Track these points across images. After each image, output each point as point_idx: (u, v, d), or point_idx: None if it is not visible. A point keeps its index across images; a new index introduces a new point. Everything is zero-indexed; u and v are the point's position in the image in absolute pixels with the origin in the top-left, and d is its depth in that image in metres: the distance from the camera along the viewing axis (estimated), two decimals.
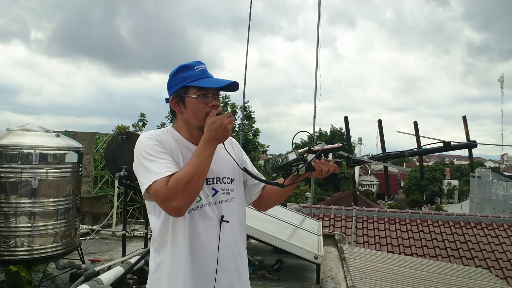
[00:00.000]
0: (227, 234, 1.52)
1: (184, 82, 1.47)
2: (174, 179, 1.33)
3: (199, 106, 1.47)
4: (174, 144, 1.49)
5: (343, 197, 24.99)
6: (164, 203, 1.35)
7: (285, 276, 4.45)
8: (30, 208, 3.50)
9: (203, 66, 1.52)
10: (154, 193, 1.35)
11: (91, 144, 8.66)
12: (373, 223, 9.18)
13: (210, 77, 1.50)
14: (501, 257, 8.13)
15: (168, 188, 1.32)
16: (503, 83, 63.52)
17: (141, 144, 1.45)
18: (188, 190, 1.33)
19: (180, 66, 1.51)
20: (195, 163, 1.37)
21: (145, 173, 1.38)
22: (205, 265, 1.47)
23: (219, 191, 1.53)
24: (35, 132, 3.70)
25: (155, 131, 1.52)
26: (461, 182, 51.50)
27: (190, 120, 1.50)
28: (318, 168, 1.48)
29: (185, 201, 1.34)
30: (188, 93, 1.47)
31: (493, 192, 21.62)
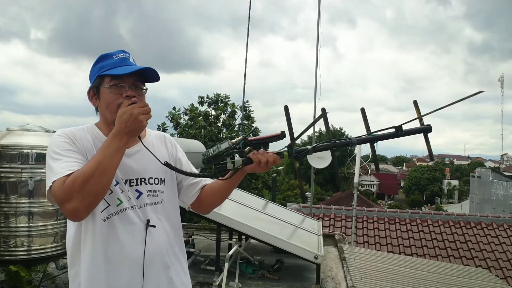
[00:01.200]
0: (155, 241, 1.36)
1: (99, 72, 1.34)
2: (71, 178, 1.19)
3: (111, 97, 1.32)
4: (90, 142, 1.34)
5: (343, 197, 25.00)
6: (60, 205, 1.20)
7: (285, 276, 4.45)
8: (30, 208, 3.50)
9: (125, 54, 1.37)
10: (52, 195, 1.21)
11: None
12: (373, 223, 9.18)
13: (128, 65, 1.35)
14: (501, 257, 8.13)
15: (64, 188, 1.18)
16: (503, 83, 63.57)
17: (50, 142, 1.32)
18: (87, 190, 1.17)
19: (100, 55, 1.38)
20: (98, 158, 1.21)
21: (49, 173, 1.25)
22: (128, 277, 1.31)
23: (144, 193, 1.38)
24: (35, 132, 3.70)
25: (72, 128, 1.37)
26: (461, 182, 51.53)
27: (104, 113, 1.37)
28: (256, 159, 1.32)
29: (82, 203, 1.17)
30: (102, 83, 1.34)
31: (493, 192, 21.62)
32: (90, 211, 1.24)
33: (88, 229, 1.30)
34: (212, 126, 12.78)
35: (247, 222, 3.95)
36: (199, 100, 13.26)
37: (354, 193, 6.57)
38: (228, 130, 12.61)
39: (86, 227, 1.31)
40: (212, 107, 13.22)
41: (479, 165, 55.38)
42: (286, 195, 27.12)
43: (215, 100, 13.21)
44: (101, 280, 1.29)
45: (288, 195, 27.13)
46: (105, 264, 1.29)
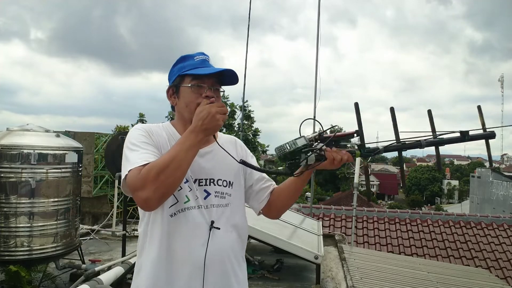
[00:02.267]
0: (217, 244, 1.33)
1: (181, 71, 1.38)
2: (147, 167, 1.21)
3: (192, 96, 1.35)
4: (165, 138, 1.38)
5: (343, 197, 24.99)
6: (134, 193, 1.22)
7: (285, 276, 4.45)
8: (30, 208, 3.50)
9: (204, 57, 1.41)
10: (127, 183, 1.24)
11: (91, 144, 8.66)
12: (373, 223, 9.18)
13: (208, 67, 1.39)
14: (501, 257, 8.13)
15: (139, 176, 1.21)
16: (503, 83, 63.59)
17: (128, 135, 1.37)
18: (160, 181, 1.18)
19: (181, 57, 1.42)
20: (173, 152, 1.23)
21: (125, 163, 1.29)
22: (188, 277, 1.30)
23: (212, 194, 1.38)
24: (35, 132, 3.70)
25: (149, 124, 1.44)
26: (461, 182, 51.54)
27: (182, 112, 1.40)
28: (329, 157, 1.32)
29: (154, 192, 1.19)
30: (183, 82, 1.38)
31: (493, 192, 21.62)
32: (162, 202, 1.26)
33: (156, 222, 1.33)
34: None
35: None
36: None
37: (354, 193, 6.57)
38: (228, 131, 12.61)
39: (154, 220, 1.34)
40: None
41: (479, 165, 55.36)
42: None
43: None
44: (162, 276, 1.30)
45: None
46: (167, 260, 1.30)
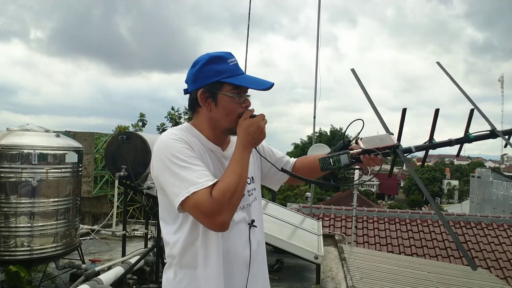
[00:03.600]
0: (256, 240, 1.41)
1: (219, 76, 1.29)
2: (219, 190, 1.18)
3: (234, 106, 1.31)
4: (200, 146, 1.32)
5: (343, 197, 25.00)
6: (209, 218, 1.17)
7: (285, 276, 4.45)
8: (30, 208, 3.50)
9: (236, 60, 1.36)
10: (194, 205, 1.17)
11: (91, 144, 8.66)
12: (373, 223, 9.18)
13: (244, 74, 1.35)
14: (501, 257, 8.13)
15: (214, 200, 1.16)
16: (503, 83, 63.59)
17: (168, 147, 1.25)
18: (233, 203, 1.20)
19: (212, 56, 1.33)
20: (237, 171, 1.23)
21: (179, 182, 1.19)
22: (239, 277, 1.34)
23: (245, 194, 1.38)
24: (35, 132, 3.70)
25: (177, 130, 1.33)
26: (461, 182, 51.54)
27: (219, 120, 1.33)
28: (366, 163, 1.43)
29: (230, 215, 1.20)
30: (222, 89, 1.30)
31: (493, 192, 21.62)
32: None
33: (208, 235, 1.28)
34: None
35: None
36: None
37: (354, 193, 6.57)
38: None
39: (206, 233, 1.28)
40: None
41: (479, 165, 55.38)
42: (286, 195, 27.11)
43: None
44: (221, 281, 1.29)
45: (288, 195, 27.12)
46: (223, 270, 1.30)
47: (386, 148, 1.43)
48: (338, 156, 1.41)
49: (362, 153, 1.41)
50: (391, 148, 1.43)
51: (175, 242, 1.31)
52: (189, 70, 1.37)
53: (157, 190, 1.34)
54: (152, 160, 1.30)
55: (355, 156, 1.41)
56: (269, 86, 1.31)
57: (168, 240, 1.34)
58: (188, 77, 1.35)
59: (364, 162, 1.42)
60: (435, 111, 1.52)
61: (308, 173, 1.62)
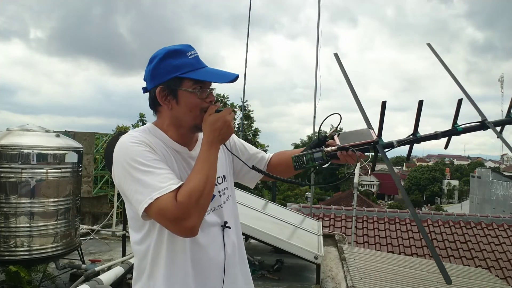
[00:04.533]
0: (230, 241, 1.34)
1: (178, 72, 1.21)
2: (185, 193, 1.11)
3: (196, 101, 1.23)
4: (163, 148, 1.24)
5: (343, 197, 25.01)
6: (175, 224, 1.10)
7: (285, 276, 4.44)
8: (30, 208, 3.50)
9: (196, 53, 1.27)
10: (158, 212, 1.10)
11: (91, 144, 8.66)
12: (373, 223, 9.18)
13: (206, 67, 1.27)
14: (501, 257, 8.13)
15: (179, 205, 1.09)
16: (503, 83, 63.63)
17: (128, 151, 1.17)
18: (201, 205, 1.13)
19: (169, 51, 1.24)
20: (204, 170, 1.16)
21: (141, 188, 1.12)
22: (213, 280, 1.28)
23: (216, 195, 1.33)
24: (35, 132, 3.71)
25: (138, 132, 1.24)
26: (461, 182, 51.54)
27: (182, 117, 1.25)
28: (343, 160, 1.35)
29: (199, 218, 1.13)
30: (182, 85, 1.22)
31: (493, 192, 21.63)
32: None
33: (175, 241, 1.22)
34: None
35: (247, 222, 3.95)
36: None
37: (354, 193, 6.57)
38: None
39: (172, 239, 1.22)
40: None
41: (479, 165, 55.42)
42: (286, 195, 27.14)
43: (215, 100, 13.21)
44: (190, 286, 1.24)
45: (288, 195, 27.14)
46: (193, 276, 1.24)
47: (365, 144, 1.35)
48: (312, 154, 1.33)
49: (338, 150, 1.33)
50: (370, 144, 1.35)
51: (144, 252, 1.24)
52: (146, 67, 1.28)
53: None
54: (113, 166, 1.21)
55: (330, 154, 1.34)
56: (232, 79, 1.25)
57: (136, 249, 1.26)
58: (146, 74, 1.27)
59: (341, 159, 1.35)
60: (419, 102, 1.44)
61: (284, 170, 1.52)
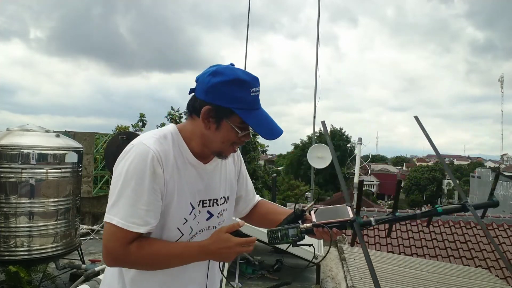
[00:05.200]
0: (214, 265, 1.36)
1: (233, 104, 1.18)
2: (144, 253, 1.16)
3: (233, 137, 1.23)
4: (174, 163, 1.22)
5: (343, 197, 24.97)
6: (109, 257, 1.17)
7: (285, 276, 4.45)
8: (30, 208, 3.50)
9: (259, 90, 1.23)
10: (109, 233, 1.15)
11: (91, 144, 8.66)
12: None
13: (259, 109, 1.24)
14: (501, 257, 8.12)
15: (127, 252, 1.14)
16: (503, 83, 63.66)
17: (134, 163, 1.16)
18: (150, 267, 1.20)
19: (237, 78, 1.18)
20: (175, 261, 1.20)
21: (115, 202, 1.16)
22: None
23: (215, 215, 1.33)
24: (35, 132, 3.70)
25: (156, 140, 1.21)
26: (461, 182, 51.54)
27: (212, 142, 1.24)
28: (319, 237, 1.33)
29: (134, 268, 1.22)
30: (230, 118, 1.19)
31: None
32: None
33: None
34: None
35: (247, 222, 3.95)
36: None
37: (354, 193, 6.58)
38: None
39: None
40: None
41: (479, 165, 55.43)
42: (286, 195, 27.12)
43: None
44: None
45: (288, 195, 27.13)
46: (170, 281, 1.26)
47: (340, 222, 1.35)
48: (287, 230, 1.31)
49: (313, 227, 1.32)
50: (346, 222, 1.35)
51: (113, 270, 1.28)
52: (207, 74, 1.21)
53: None
54: (119, 157, 1.22)
55: (305, 230, 1.33)
56: (276, 137, 1.24)
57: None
58: (203, 82, 1.21)
59: (317, 235, 1.33)
60: (397, 182, 1.48)
61: (262, 224, 1.54)
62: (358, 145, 8.57)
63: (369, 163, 6.63)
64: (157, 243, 1.19)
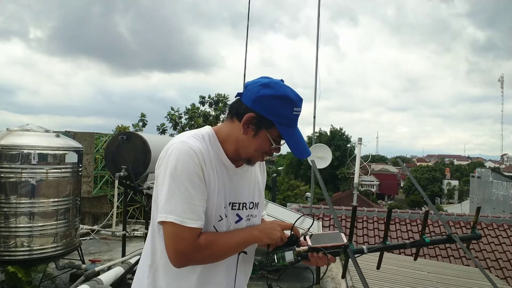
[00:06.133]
0: (244, 267, 1.40)
1: (276, 118, 1.24)
2: (207, 242, 1.20)
3: (266, 147, 1.29)
4: (212, 163, 1.26)
5: (343, 197, 25.01)
6: (183, 258, 1.18)
7: (285, 276, 4.45)
8: (30, 208, 3.50)
9: (300, 110, 1.30)
10: (172, 235, 1.17)
11: (91, 144, 8.66)
12: (373, 223, 9.17)
13: (295, 128, 1.30)
14: (501, 257, 8.13)
15: (199, 249, 1.18)
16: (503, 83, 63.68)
17: (179, 162, 1.19)
18: (213, 259, 1.24)
19: (286, 95, 1.25)
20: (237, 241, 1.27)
21: (168, 201, 1.18)
22: None
23: (243, 219, 1.36)
24: (35, 132, 3.70)
25: (196, 139, 1.26)
26: (461, 182, 51.54)
27: (246, 147, 1.29)
28: (314, 262, 1.35)
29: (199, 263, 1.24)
30: (269, 130, 1.25)
31: (493, 192, 21.64)
32: None
33: None
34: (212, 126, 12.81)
35: None
36: (200, 100, 13.29)
37: (354, 193, 6.58)
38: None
39: None
40: (213, 107, 13.25)
41: (479, 165, 55.44)
42: (286, 195, 27.12)
43: (216, 100, 13.21)
44: None
45: (288, 195, 27.13)
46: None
47: (336, 247, 1.36)
48: (283, 253, 1.33)
49: (309, 251, 1.33)
50: (341, 247, 1.36)
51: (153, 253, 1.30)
52: (259, 84, 1.26)
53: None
54: (160, 158, 1.25)
55: (301, 254, 1.33)
56: (305, 157, 1.31)
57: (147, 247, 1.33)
58: (252, 91, 1.26)
59: (311, 260, 1.34)
60: (388, 211, 1.51)
61: None
62: (358, 145, 8.57)
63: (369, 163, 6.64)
64: (220, 234, 1.26)
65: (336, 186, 39.14)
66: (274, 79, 1.30)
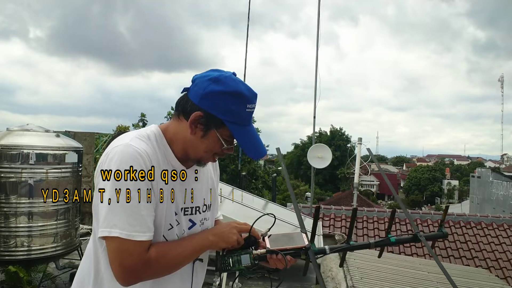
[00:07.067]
0: (200, 275, 1.30)
1: (226, 116, 1.13)
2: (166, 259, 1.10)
3: (216, 148, 1.18)
4: (160, 165, 1.15)
5: (343, 197, 25.01)
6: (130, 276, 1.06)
7: (285, 276, 4.45)
8: (30, 208, 3.50)
9: (254, 108, 1.19)
10: (116, 250, 1.05)
11: (91, 144, 8.66)
12: (373, 223, 9.18)
13: (249, 126, 1.20)
14: (501, 257, 8.14)
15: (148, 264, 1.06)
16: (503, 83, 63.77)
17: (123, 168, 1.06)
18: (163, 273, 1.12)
19: (238, 91, 1.13)
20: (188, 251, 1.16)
21: (110, 213, 1.05)
22: None
23: (197, 224, 1.26)
24: (35, 132, 3.70)
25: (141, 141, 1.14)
26: (461, 182, 51.55)
27: (195, 148, 1.18)
28: (273, 264, 1.30)
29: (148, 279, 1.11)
30: (219, 129, 1.15)
31: (493, 192, 21.65)
32: None
33: None
34: None
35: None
36: None
37: (354, 193, 6.58)
38: None
39: None
40: None
41: (479, 165, 55.47)
42: (286, 195, 27.13)
43: None
44: None
45: (288, 195, 27.13)
46: None
47: (296, 249, 1.30)
48: (239, 256, 1.24)
49: (267, 253, 1.27)
50: (301, 249, 1.30)
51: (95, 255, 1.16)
52: (208, 79, 1.15)
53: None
54: (100, 163, 1.12)
55: (258, 256, 1.27)
56: (260, 158, 1.24)
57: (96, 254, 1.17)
58: (200, 86, 1.14)
59: (270, 263, 1.29)
60: (353, 210, 1.51)
61: None
62: (358, 145, 8.57)
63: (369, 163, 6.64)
64: (171, 244, 1.15)
65: (336, 186, 39.16)
66: (225, 72, 1.17)
